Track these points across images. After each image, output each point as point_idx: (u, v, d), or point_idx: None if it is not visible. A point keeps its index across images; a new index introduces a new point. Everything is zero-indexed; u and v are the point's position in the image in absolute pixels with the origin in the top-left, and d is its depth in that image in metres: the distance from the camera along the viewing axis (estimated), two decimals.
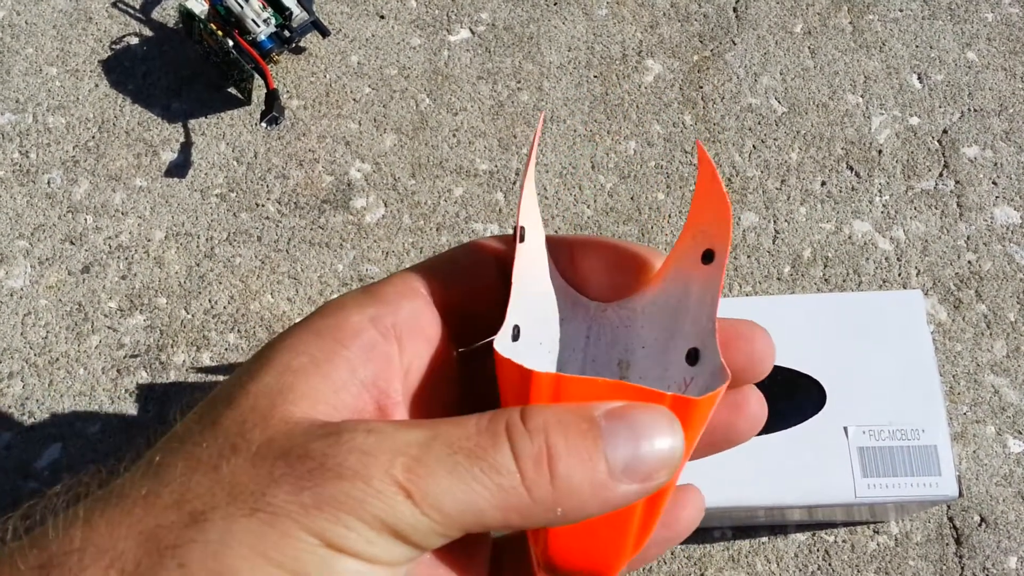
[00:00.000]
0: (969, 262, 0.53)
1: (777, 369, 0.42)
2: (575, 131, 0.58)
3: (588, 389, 0.18)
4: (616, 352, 0.22)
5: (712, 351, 0.20)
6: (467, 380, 0.23)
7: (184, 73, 0.60)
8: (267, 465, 0.17)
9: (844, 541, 0.47)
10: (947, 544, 0.47)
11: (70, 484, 0.19)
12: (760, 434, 0.40)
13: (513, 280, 0.20)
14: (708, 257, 0.21)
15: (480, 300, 0.22)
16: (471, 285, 0.22)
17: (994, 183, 0.56)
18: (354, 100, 0.59)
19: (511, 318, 0.20)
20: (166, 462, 0.18)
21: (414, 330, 0.21)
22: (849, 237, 0.54)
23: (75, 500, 0.18)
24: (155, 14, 0.62)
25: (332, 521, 0.16)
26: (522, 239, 0.21)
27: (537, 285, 0.22)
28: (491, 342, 0.20)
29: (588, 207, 0.56)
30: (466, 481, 0.17)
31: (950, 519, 0.48)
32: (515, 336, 0.21)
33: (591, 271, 0.23)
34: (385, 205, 0.56)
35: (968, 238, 0.54)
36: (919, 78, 0.59)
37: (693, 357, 0.21)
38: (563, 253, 0.23)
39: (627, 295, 0.23)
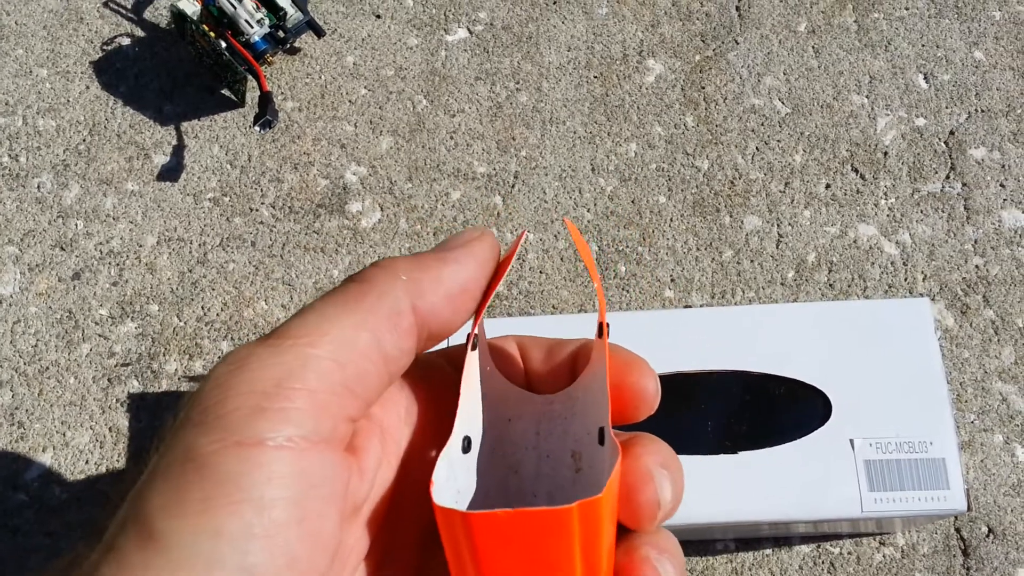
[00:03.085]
0: (976, 266, 0.52)
1: (781, 380, 0.41)
2: (575, 133, 0.57)
3: (492, 523, 0.18)
4: (568, 444, 0.23)
5: (608, 426, 0.20)
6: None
7: (177, 75, 0.59)
8: None
9: (850, 553, 0.46)
10: (954, 556, 0.46)
11: None
12: (764, 447, 0.40)
13: (462, 390, 0.21)
14: (600, 331, 0.22)
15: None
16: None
17: (1002, 185, 0.54)
18: (350, 102, 0.58)
19: (459, 430, 0.21)
20: None
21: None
22: (854, 241, 0.53)
23: None
24: (147, 14, 0.61)
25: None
26: (473, 347, 0.22)
27: (486, 387, 0.23)
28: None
29: (588, 210, 0.54)
30: None
31: (957, 530, 0.47)
32: (465, 448, 0.21)
33: (534, 368, 0.24)
34: (381, 209, 0.55)
35: (975, 242, 0.53)
36: (925, 78, 0.58)
37: (600, 436, 0.21)
38: (507, 354, 0.24)
39: (570, 383, 0.23)
